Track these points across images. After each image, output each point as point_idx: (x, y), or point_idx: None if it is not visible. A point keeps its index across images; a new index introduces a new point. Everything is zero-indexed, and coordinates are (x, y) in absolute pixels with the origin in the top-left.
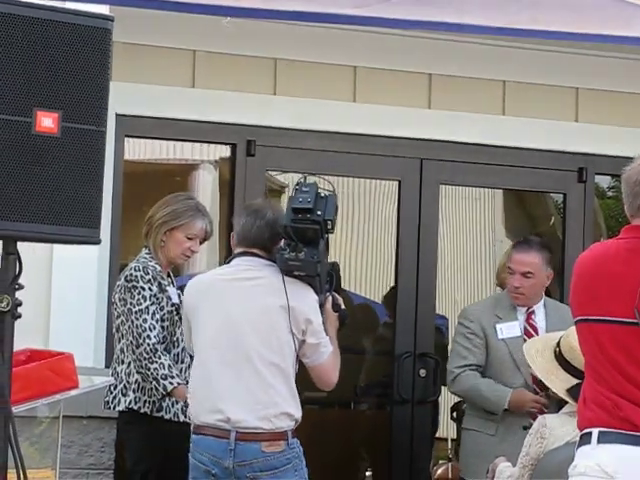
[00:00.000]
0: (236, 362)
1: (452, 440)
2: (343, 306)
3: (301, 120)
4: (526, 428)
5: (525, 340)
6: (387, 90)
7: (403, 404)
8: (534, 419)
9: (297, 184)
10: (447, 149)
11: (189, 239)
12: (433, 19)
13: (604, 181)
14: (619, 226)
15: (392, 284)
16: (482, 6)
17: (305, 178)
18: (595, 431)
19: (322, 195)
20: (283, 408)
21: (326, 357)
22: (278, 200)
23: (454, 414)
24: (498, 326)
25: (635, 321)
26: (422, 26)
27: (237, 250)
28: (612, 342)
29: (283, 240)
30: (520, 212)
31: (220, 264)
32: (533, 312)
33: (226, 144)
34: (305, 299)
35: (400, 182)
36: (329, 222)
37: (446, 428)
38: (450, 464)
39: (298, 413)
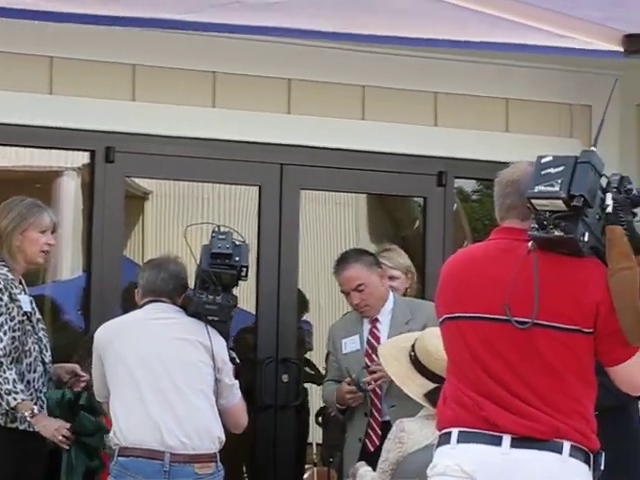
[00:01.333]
0: (163, 387)
1: (317, 445)
2: (238, 360)
3: (160, 126)
4: (361, 440)
5: (366, 353)
6: (247, 95)
7: (266, 410)
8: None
9: (213, 232)
10: (307, 154)
11: (42, 233)
12: (269, 24)
13: (468, 185)
14: (484, 229)
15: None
16: (315, 11)
17: (219, 227)
18: (455, 431)
19: (237, 243)
20: (212, 431)
21: (238, 400)
22: (140, 206)
23: (319, 419)
24: (343, 341)
25: (505, 317)
26: (260, 32)
27: (144, 301)
28: (479, 339)
29: (200, 283)
30: (384, 216)
31: (83, 270)
32: (377, 320)
33: (85, 150)
34: (220, 341)
35: (260, 187)
36: (244, 269)
37: (313, 433)
38: (315, 469)
39: (223, 436)
